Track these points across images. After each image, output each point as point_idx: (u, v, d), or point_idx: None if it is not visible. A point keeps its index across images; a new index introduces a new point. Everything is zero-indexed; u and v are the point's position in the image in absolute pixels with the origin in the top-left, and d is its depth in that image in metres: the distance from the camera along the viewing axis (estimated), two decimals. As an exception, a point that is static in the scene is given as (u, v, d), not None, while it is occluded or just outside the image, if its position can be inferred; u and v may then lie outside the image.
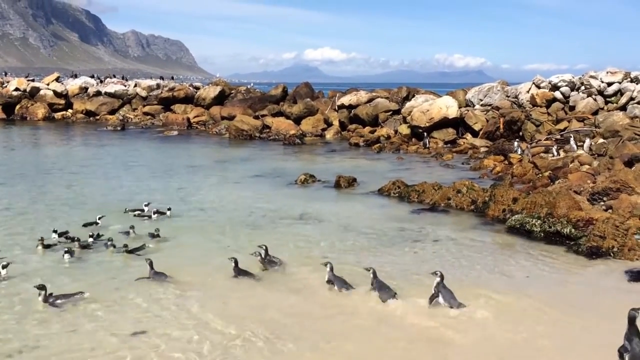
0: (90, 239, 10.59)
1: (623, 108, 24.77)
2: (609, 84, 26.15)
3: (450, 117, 26.33)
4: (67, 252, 9.77)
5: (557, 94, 26.54)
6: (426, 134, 25.73)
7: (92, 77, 47.71)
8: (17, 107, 39.68)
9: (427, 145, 24.92)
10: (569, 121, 24.58)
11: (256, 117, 32.47)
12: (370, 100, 30.73)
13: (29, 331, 7.09)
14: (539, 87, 27.41)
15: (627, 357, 6.04)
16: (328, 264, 8.66)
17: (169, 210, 12.78)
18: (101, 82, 45.09)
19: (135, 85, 42.55)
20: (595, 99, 25.76)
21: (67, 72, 70.80)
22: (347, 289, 8.40)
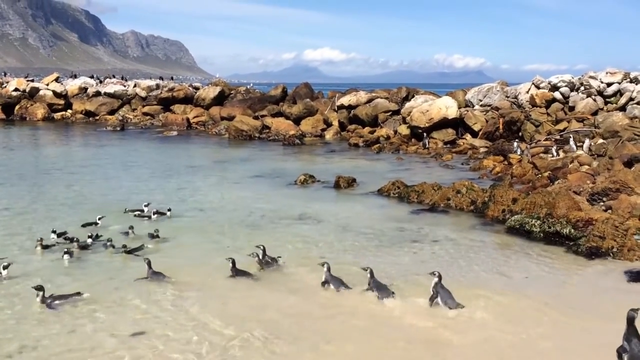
0: (89, 239, 10.59)
1: (622, 108, 24.81)
2: (609, 85, 26.16)
3: (449, 118, 26.34)
4: (66, 252, 9.78)
5: (557, 95, 26.55)
6: (426, 135, 25.73)
7: (92, 77, 47.76)
8: (17, 107, 39.70)
9: (426, 146, 24.92)
10: (568, 121, 24.60)
11: (256, 118, 32.48)
12: (369, 100, 30.74)
13: (28, 331, 7.09)
14: (538, 87, 27.43)
15: (625, 358, 6.05)
16: (325, 264, 8.66)
17: (169, 211, 12.78)
18: (101, 82, 45.10)
19: (135, 86, 42.56)
20: (594, 100, 25.77)
21: (67, 73, 70.88)
22: (344, 288, 8.42)
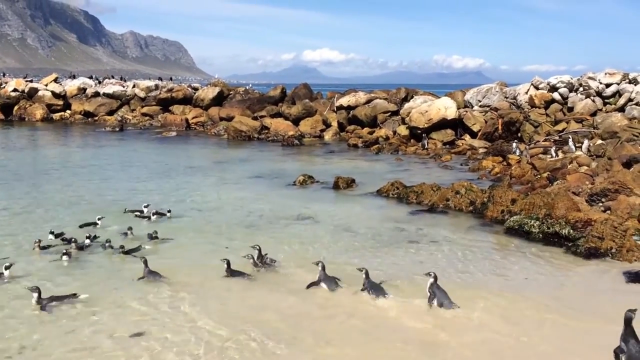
0: (87, 240, 10.57)
1: (621, 109, 24.82)
2: (608, 85, 26.18)
3: (448, 118, 26.34)
4: (65, 253, 9.76)
5: (556, 95, 26.57)
6: (425, 135, 25.73)
7: (91, 77, 47.71)
8: (16, 108, 39.65)
9: (425, 146, 24.93)
10: (567, 122, 24.62)
11: (255, 118, 32.47)
12: (368, 101, 30.75)
13: (28, 332, 7.08)
14: (537, 88, 27.44)
15: (623, 358, 6.05)
16: (320, 263, 8.66)
17: (169, 212, 12.75)
18: (99, 82, 45.07)
19: (134, 86, 42.54)
20: (593, 100, 25.78)
21: (66, 73, 70.84)
22: (336, 286, 8.44)
